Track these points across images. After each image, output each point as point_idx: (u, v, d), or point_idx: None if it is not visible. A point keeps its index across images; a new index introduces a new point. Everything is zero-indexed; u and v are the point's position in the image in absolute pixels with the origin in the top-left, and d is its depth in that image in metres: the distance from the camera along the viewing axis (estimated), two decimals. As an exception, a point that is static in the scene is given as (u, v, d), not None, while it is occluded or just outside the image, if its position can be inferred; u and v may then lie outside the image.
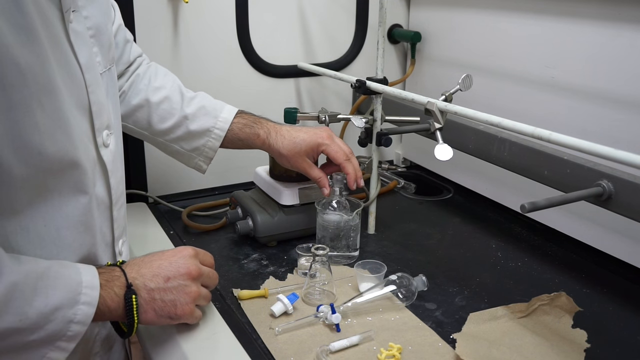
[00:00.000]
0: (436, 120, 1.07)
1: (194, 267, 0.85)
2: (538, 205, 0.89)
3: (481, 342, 0.90)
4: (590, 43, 1.17)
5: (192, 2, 1.42)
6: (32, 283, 0.69)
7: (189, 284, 0.84)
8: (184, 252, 0.87)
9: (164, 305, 0.82)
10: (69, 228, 0.77)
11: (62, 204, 0.76)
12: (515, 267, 1.20)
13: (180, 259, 0.85)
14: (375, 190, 1.33)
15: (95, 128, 0.81)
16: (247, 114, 1.20)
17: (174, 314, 0.83)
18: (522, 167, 1.22)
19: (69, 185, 0.76)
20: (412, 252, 1.25)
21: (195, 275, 0.85)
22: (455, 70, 1.54)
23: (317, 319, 0.97)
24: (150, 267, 0.83)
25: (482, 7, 1.44)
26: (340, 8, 1.65)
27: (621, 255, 1.17)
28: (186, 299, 0.84)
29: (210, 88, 1.52)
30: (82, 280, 0.74)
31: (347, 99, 1.74)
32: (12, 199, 0.70)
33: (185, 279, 0.84)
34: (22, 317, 0.67)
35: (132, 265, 0.83)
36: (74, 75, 0.76)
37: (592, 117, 1.19)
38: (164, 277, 0.82)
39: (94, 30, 0.83)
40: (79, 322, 0.73)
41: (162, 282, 0.82)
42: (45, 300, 0.69)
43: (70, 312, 0.71)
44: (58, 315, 0.70)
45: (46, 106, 0.69)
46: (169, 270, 0.83)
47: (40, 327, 0.69)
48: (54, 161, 0.72)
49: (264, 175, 1.33)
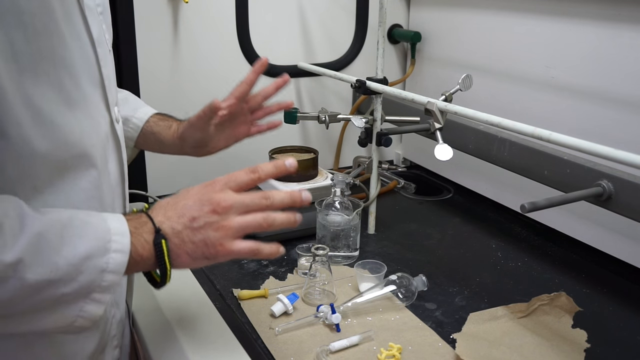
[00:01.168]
0: (436, 120, 1.07)
1: (220, 199, 0.77)
2: (538, 205, 0.89)
3: (481, 342, 0.90)
4: (591, 43, 1.18)
5: (192, 2, 1.42)
6: (58, 232, 0.67)
7: (217, 219, 0.76)
8: (210, 187, 0.79)
9: (194, 247, 0.76)
10: (87, 203, 0.76)
11: (77, 179, 0.75)
12: (515, 267, 1.20)
13: (206, 195, 0.78)
14: (375, 190, 1.33)
15: (109, 102, 0.81)
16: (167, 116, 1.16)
17: (208, 253, 0.77)
18: (522, 167, 1.22)
19: (81, 160, 0.75)
20: (412, 252, 1.25)
21: (222, 209, 0.77)
22: (455, 70, 1.54)
23: (317, 319, 0.97)
24: (176, 208, 0.77)
25: (482, 7, 1.44)
26: (340, 8, 1.65)
27: (621, 255, 1.17)
28: (216, 235, 0.76)
29: (210, 88, 1.53)
30: (110, 227, 0.71)
31: (347, 99, 1.74)
32: (35, 177, 0.70)
33: (211, 215, 0.76)
34: (52, 268, 0.65)
35: (159, 209, 0.78)
36: (87, 50, 0.76)
37: (592, 117, 1.19)
38: (189, 217, 0.76)
39: (102, 7, 0.83)
40: (112, 271, 0.70)
41: (188, 222, 0.76)
42: (73, 250, 0.67)
43: (102, 260, 0.69)
44: (90, 265, 0.68)
45: (51, 77, 0.69)
46: (194, 209, 0.76)
47: (73, 278, 0.67)
48: (66, 133, 0.71)
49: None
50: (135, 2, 1.37)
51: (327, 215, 1.18)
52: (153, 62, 1.43)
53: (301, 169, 1.31)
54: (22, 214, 0.65)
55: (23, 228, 0.64)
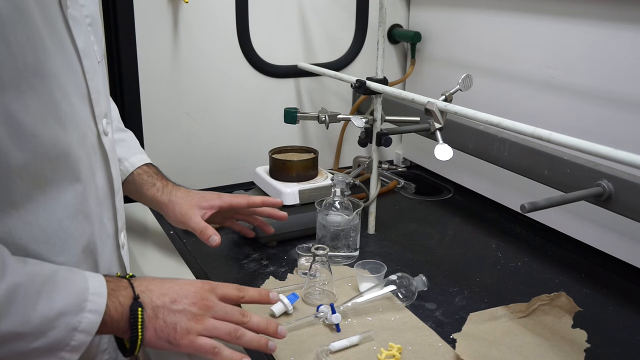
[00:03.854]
0: (436, 120, 1.07)
1: (205, 297, 0.81)
2: (538, 205, 0.89)
3: (481, 342, 0.90)
4: (591, 43, 1.17)
5: (192, 2, 1.42)
6: (37, 286, 0.67)
7: (195, 312, 0.79)
8: (199, 283, 0.84)
9: (164, 326, 0.78)
10: (70, 218, 0.76)
11: (59, 194, 0.74)
12: (515, 267, 1.20)
13: (193, 288, 0.82)
14: (375, 190, 1.33)
15: (95, 115, 0.80)
16: (157, 171, 1.16)
17: (172, 338, 0.78)
18: (522, 167, 1.22)
19: (65, 174, 0.74)
20: (412, 252, 1.25)
21: (204, 305, 0.80)
22: (455, 70, 1.54)
23: (317, 319, 0.97)
24: (161, 286, 0.80)
25: (482, 7, 1.44)
26: (340, 8, 1.65)
27: (621, 255, 1.17)
28: (188, 325, 0.79)
29: (210, 88, 1.53)
30: (89, 286, 0.72)
31: (347, 99, 1.74)
32: (12, 191, 0.69)
33: (191, 305, 0.80)
34: (24, 321, 0.65)
35: (141, 280, 0.80)
36: (72, 61, 0.75)
37: (592, 117, 1.19)
38: (171, 297, 0.79)
39: (90, 19, 0.82)
40: (84, 331, 0.70)
41: (168, 302, 0.78)
42: (49, 305, 0.67)
43: (75, 319, 0.69)
44: (62, 322, 0.68)
45: (37, 89, 0.68)
46: (178, 294, 0.80)
47: (43, 334, 0.67)
48: (48, 146, 0.71)
49: (264, 175, 1.33)
50: (135, 2, 1.37)
51: (327, 215, 1.18)
52: (153, 62, 1.43)
53: (301, 169, 1.31)
54: (3, 263, 0.65)
55: (3, 277, 0.64)
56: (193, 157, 1.55)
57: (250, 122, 1.60)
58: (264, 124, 1.62)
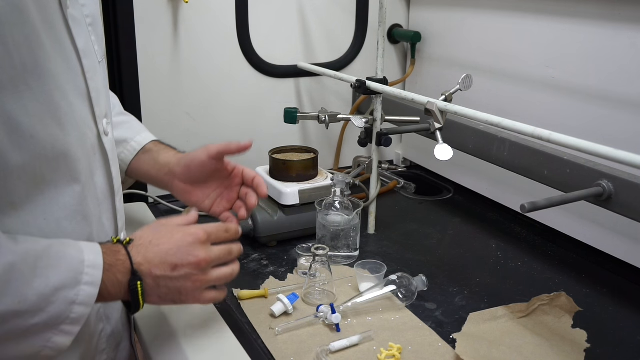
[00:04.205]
0: (436, 120, 1.07)
1: (203, 255, 0.82)
2: (538, 205, 0.89)
3: (481, 342, 0.90)
4: (591, 43, 1.17)
5: (192, 2, 1.42)
6: (31, 263, 0.67)
7: (196, 273, 0.81)
8: (194, 235, 0.82)
9: (168, 292, 0.80)
10: (68, 218, 0.76)
11: (58, 195, 0.74)
12: (515, 267, 1.20)
13: (190, 246, 0.81)
14: (375, 190, 1.33)
15: (95, 115, 0.80)
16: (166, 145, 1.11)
17: (178, 299, 0.82)
18: (522, 167, 1.22)
19: (63, 174, 0.74)
20: (412, 252, 1.25)
21: (204, 264, 0.82)
22: (455, 70, 1.54)
23: (317, 319, 0.97)
24: (158, 252, 0.79)
25: (482, 7, 1.44)
26: (340, 8, 1.65)
27: (621, 255, 1.17)
28: (192, 287, 0.81)
29: (210, 88, 1.53)
30: (85, 259, 0.71)
31: (347, 99, 1.74)
32: (10, 192, 0.69)
33: (193, 267, 0.81)
34: (21, 299, 0.65)
35: (139, 247, 0.79)
36: (71, 61, 0.75)
37: (592, 117, 1.19)
38: (170, 264, 0.79)
39: (91, 19, 0.82)
40: (82, 303, 0.70)
41: (168, 270, 0.79)
42: (45, 281, 0.67)
43: (72, 292, 0.69)
44: (59, 297, 0.68)
45: (35, 89, 0.68)
46: (177, 257, 0.80)
47: (42, 310, 0.67)
48: (47, 146, 0.71)
49: (264, 175, 1.33)
50: (135, 2, 1.37)
51: (327, 215, 1.18)
52: (153, 62, 1.43)
53: (301, 169, 1.31)
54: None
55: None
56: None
57: (250, 122, 1.60)
58: (264, 124, 1.62)
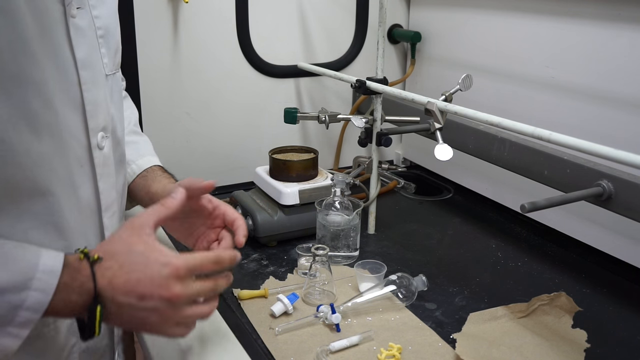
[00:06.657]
0: (436, 120, 1.07)
1: (177, 290, 0.71)
2: (538, 205, 0.89)
3: (481, 342, 0.90)
4: (591, 43, 1.17)
5: (192, 2, 1.42)
6: None
7: (166, 308, 0.71)
8: (172, 267, 0.71)
9: (130, 320, 0.72)
10: (36, 229, 0.73)
11: (30, 204, 0.72)
12: (515, 267, 1.20)
13: (165, 279, 0.70)
14: (375, 190, 1.33)
15: (89, 128, 0.78)
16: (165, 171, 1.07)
17: (141, 329, 0.74)
18: (522, 167, 1.22)
19: (35, 182, 0.71)
20: (412, 252, 1.25)
21: (177, 300, 0.71)
22: (455, 70, 1.54)
23: (317, 319, 0.97)
24: (127, 280, 0.69)
25: (482, 7, 1.44)
26: (340, 8, 1.65)
27: (621, 255, 1.17)
28: (158, 321, 0.72)
29: (211, 88, 1.53)
30: (39, 263, 0.66)
31: (347, 99, 1.74)
32: None
33: (163, 302, 0.70)
34: None
35: (107, 270, 0.70)
36: (66, 70, 0.74)
37: (592, 117, 1.19)
38: (138, 294, 0.69)
39: (103, 31, 0.81)
40: (29, 309, 0.65)
41: (134, 300, 0.69)
42: None
43: (16, 297, 0.64)
44: (3, 299, 0.64)
45: (13, 94, 0.67)
46: (147, 288, 0.69)
47: None
48: (20, 152, 0.68)
49: (264, 175, 1.33)
50: (135, 2, 1.37)
51: (327, 215, 1.18)
52: (153, 62, 1.44)
53: (301, 169, 1.31)
54: None
55: None
56: (193, 157, 1.55)
57: (250, 122, 1.60)
58: (264, 124, 1.62)
